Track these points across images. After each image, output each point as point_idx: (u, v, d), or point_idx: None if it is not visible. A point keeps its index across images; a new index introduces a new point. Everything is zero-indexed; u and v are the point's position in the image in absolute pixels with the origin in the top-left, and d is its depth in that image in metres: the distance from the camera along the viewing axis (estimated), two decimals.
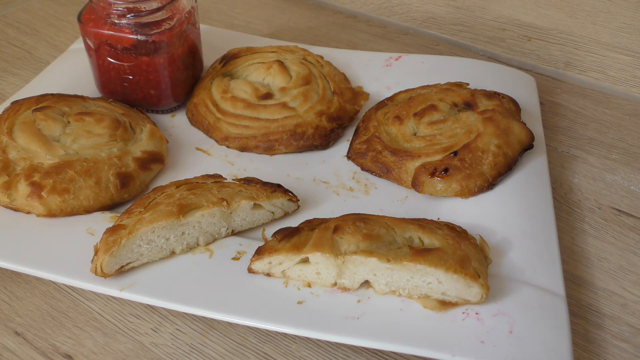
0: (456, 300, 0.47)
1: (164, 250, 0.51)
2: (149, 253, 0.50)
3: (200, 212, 0.52)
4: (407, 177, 0.60)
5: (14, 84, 0.80)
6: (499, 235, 0.53)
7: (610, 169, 0.68)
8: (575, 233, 0.60)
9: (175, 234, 0.51)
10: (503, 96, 0.66)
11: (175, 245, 0.51)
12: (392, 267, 0.46)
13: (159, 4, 0.63)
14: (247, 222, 0.54)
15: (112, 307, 0.52)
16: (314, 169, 0.64)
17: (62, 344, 0.49)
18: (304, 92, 0.67)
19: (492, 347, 0.44)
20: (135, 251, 0.50)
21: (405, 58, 0.78)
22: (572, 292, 0.54)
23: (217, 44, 0.79)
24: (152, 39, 0.63)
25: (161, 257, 0.51)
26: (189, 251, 0.52)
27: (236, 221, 0.54)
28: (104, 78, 0.68)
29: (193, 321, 0.51)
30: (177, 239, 0.51)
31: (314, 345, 0.49)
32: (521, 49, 0.87)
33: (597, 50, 0.82)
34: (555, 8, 0.83)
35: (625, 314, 0.52)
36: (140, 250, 0.50)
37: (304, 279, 0.49)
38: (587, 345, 0.50)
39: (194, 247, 0.52)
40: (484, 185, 0.58)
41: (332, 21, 0.98)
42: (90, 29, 0.64)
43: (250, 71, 0.71)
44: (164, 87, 0.67)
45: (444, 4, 0.91)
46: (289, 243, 0.50)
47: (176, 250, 0.52)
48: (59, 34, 0.92)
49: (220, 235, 0.54)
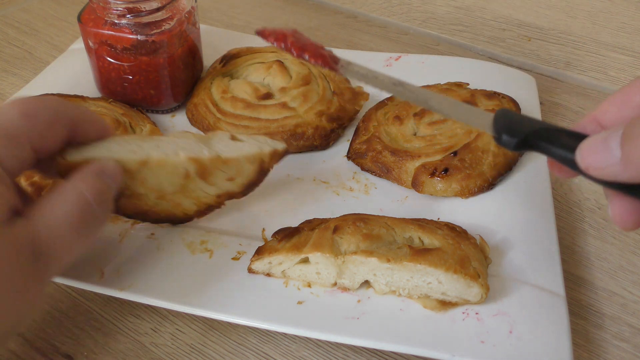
0: (456, 300, 0.47)
1: (135, 153, 0.46)
2: (118, 148, 0.46)
3: (172, 133, 0.50)
4: (407, 177, 0.60)
5: (14, 84, 0.80)
6: (499, 235, 0.53)
7: None
8: (575, 233, 0.60)
9: (149, 144, 0.47)
10: (503, 96, 0.66)
11: (150, 150, 0.46)
12: (392, 267, 0.46)
13: (159, 4, 0.63)
14: (231, 149, 0.49)
15: (112, 307, 0.52)
16: (314, 169, 0.64)
17: (62, 344, 0.49)
18: (304, 92, 0.67)
19: (492, 347, 0.44)
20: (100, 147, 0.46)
21: (405, 58, 0.78)
22: (572, 292, 0.54)
23: (217, 44, 0.79)
24: (152, 39, 0.63)
25: (134, 159, 0.45)
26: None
27: (217, 146, 0.49)
28: (104, 78, 0.68)
29: (193, 321, 0.51)
30: (150, 147, 0.46)
31: (314, 345, 0.49)
32: (521, 49, 0.87)
33: (597, 50, 0.82)
34: (555, 8, 0.83)
35: (625, 314, 0.52)
36: (110, 147, 0.46)
37: (304, 279, 0.49)
38: (587, 345, 0.50)
39: (174, 156, 0.46)
40: (484, 185, 0.58)
41: (332, 21, 0.98)
42: (90, 29, 0.64)
43: (250, 71, 0.71)
44: (164, 87, 0.67)
45: (444, 4, 0.91)
46: (289, 243, 0.50)
47: (153, 154, 0.46)
48: (59, 34, 0.92)
49: (204, 155, 0.47)
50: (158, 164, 0.46)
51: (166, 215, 0.52)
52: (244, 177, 0.51)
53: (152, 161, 0.46)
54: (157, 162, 0.46)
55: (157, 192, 0.48)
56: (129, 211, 0.49)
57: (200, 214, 0.53)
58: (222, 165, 0.49)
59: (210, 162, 0.48)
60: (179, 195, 0.50)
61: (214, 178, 0.49)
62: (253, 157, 0.50)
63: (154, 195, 0.48)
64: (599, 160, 0.34)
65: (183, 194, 0.49)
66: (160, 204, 0.50)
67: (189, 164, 0.47)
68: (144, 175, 0.46)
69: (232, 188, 0.51)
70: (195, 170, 0.48)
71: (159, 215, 0.51)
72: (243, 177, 0.51)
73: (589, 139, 0.35)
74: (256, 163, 0.50)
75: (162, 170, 0.46)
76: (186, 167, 0.47)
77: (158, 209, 0.50)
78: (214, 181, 0.49)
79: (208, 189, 0.50)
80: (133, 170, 0.45)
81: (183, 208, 0.52)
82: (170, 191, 0.48)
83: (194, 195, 0.50)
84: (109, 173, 0.44)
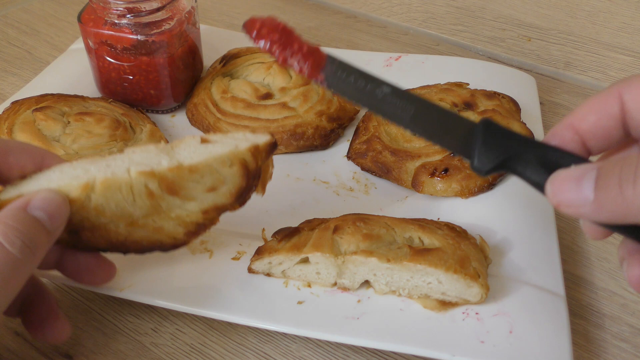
0: (456, 300, 0.47)
1: (79, 178, 0.41)
2: (60, 176, 0.42)
3: (130, 148, 0.44)
4: (407, 177, 0.60)
5: (14, 84, 0.80)
6: (499, 235, 0.53)
7: None
8: (575, 233, 0.60)
9: (98, 166, 0.42)
10: (503, 96, 0.66)
11: (97, 172, 0.41)
12: (392, 267, 0.46)
13: (159, 4, 0.63)
14: (199, 154, 0.43)
15: (112, 307, 0.52)
16: (314, 169, 0.64)
17: (62, 344, 0.49)
18: (304, 92, 0.67)
19: (492, 347, 0.44)
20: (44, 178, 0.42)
21: (405, 58, 0.78)
22: (572, 292, 0.54)
23: (217, 44, 0.79)
24: (152, 39, 0.63)
25: (75, 185, 0.40)
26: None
27: (182, 154, 0.43)
28: (104, 78, 0.68)
29: (193, 321, 0.51)
30: (99, 169, 0.42)
31: (314, 345, 0.49)
32: (521, 49, 0.87)
33: (597, 50, 0.82)
34: (555, 8, 0.83)
35: (625, 314, 0.52)
36: (51, 176, 0.42)
37: (304, 279, 0.49)
38: (587, 345, 0.50)
39: (124, 175, 0.41)
40: (484, 185, 0.58)
41: (332, 21, 0.98)
42: (90, 29, 0.64)
43: (250, 71, 0.71)
44: (164, 87, 0.67)
45: (444, 4, 0.91)
46: (289, 243, 0.50)
47: (97, 177, 0.41)
48: (59, 34, 0.92)
49: (162, 166, 0.42)
50: (106, 186, 0.40)
51: (149, 243, 0.44)
52: (229, 184, 0.43)
53: (97, 184, 0.40)
54: (104, 184, 0.40)
55: (124, 219, 0.42)
56: (100, 245, 0.44)
57: (192, 235, 0.45)
58: (189, 174, 0.42)
59: (172, 173, 0.41)
60: (154, 219, 0.43)
61: (188, 192, 0.42)
62: (228, 159, 0.43)
63: (122, 223, 0.42)
64: (571, 200, 0.34)
65: (158, 216, 0.43)
66: (136, 232, 0.43)
67: (147, 179, 0.41)
68: (97, 202, 0.41)
69: (220, 200, 0.44)
70: (158, 186, 0.41)
71: (141, 245, 0.44)
72: (228, 185, 0.43)
73: (561, 174, 0.35)
74: (236, 165, 0.43)
75: (116, 193, 0.41)
76: (144, 184, 0.41)
77: (136, 238, 0.44)
78: (190, 195, 0.43)
79: (188, 206, 0.43)
80: (80, 198, 0.40)
81: (167, 232, 0.44)
82: (140, 215, 0.42)
83: (173, 216, 0.43)
84: (39, 205, 0.38)
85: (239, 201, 0.45)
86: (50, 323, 0.45)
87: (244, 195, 0.45)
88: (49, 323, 0.44)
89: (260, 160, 0.44)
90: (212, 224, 0.45)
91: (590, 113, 0.37)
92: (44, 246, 0.39)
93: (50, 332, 0.45)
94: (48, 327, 0.44)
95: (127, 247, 0.44)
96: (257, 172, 0.45)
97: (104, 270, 0.46)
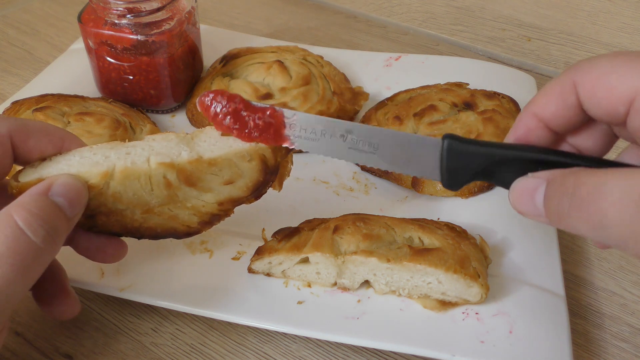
0: (456, 300, 0.47)
1: (99, 165, 0.41)
2: (80, 161, 0.41)
3: (150, 136, 0.44)
4: (407, 177, 0.60)
5: (14, 84, 0.80)
6: (499, 235, 0.53)
7: None
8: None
9: (118, 153, 0.42)
10: (503, 96, 0.66)
11: (117, 160, 0.41)
12: (392, 267, 0.46)
13: (159, 4, 0.63)
14: (219, 147, 0.43)
15: (112, 307, 0.52)
16: (314, 169, 0.64)
17: (62, 344, 0.49)
18: (304, 92, 0.67)
19: (492, 347, 0.44)
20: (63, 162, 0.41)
21: (405, 58, 0.78)
22: (572, 292, 0.54)
23: (217, 44, 0.79)
24: (152, 39, 0.63)
25: (95, 173, 0.40)
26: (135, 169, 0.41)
27: (202, 146, 0.43)
28: (104, 78, 0.68)
29: (193, 321, 0.51)
30: (118, 156, 0.42)
31: (314, 345, 0.49)
32: (521, 49, 0.87)
33: (597, 50, 0.82)
34: (555, 8, 0.83)
35: (625, 314, 0.52)
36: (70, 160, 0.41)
37: (304, 279, 0.49)
38: (587, 345, 0.50)
39: (144, 165, 0.41)
40: (484, 185, 0.58)
41: (332, 21, 0.98)
42: (90, 29, 0.64)
43: (250, 71, 0.71)
44: (164, 87, 0.67)
45: (444, 4, 0.91)
46: (289, 243, 0.50)
47: (117, 165, 0.41)
48: (59, 34, 0.92)
49: (182, 158, 0.42)
50: (125, 175, 0.40)
51: (164, 230, 0.45)
52: (246, 178, 0.44)
53: (117, 173, 0.40)
54: (124, 172, 0.40)
55: (141, 206, 0.42)
56: (114, 229, 0.44)
57: (206, 224, 0.46)
58: (208, 167, 0.42)
59: (191, 165, 0.42)
60: (169, 208, 0.43)
61: (205, 183, 0.43)
62: (248, 154, 0.43)
63: (138, 210, 0.43)
64: (528, 211, 0.37)
65: (174, 205, 0.43)
66: (151, 219, 0.44)
67: (166, 170, 0.41)
68: (115, 189, 0.41)
69: (236, 193, 0.44)
70: (177, 177, 0.42)
71: (155, 231, 0.45)
72: (245, 179, 0.44)
73: (518, 185, 0.37)
74: (256, 160, 0.43)
75: (134, 182, 0.41)
76: (163, 174, 0.41)
77: (151, 224, 0.44)
78: (207, 187, 0.43)
79: (204, 197, 0.44)
80: (98, 185, 0.40)
81: (182, 220, 0.45)
82: (156, 203, 0.43)
83: (189, 206, 0.44)
84: (60, 192, 0.38)
85: (254, 195, 0.45)
86: (60, 299, 0.45)
87: (260, 190, 0.45)
88: (58, 299, 0.44)
89: (280, 156, 0.45)
90: (226, 215, 0.46)
91: (549, 103, 0.38)
92: (64, 233, 0.38)
93: (60, 308, 0.45)
94: (58, 302, 0.44)
95: (142, 233, 0.45)
96: (275, 168, 0.45)
97: (116, 248, 0.45)
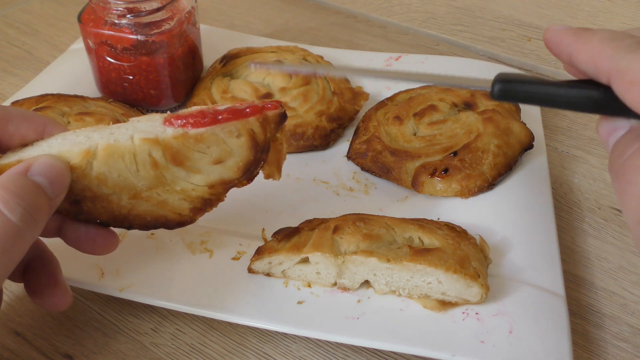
0: (456, 300, 0.47)
1: (81, 144, 0.39)
2: (61, 142, 0.40)
3: (135, 117, 0.43)
4: (407, 177, 0.60)
5: (14, 84, 0.80)
6: (499, 235, 0.53)
7: None
8: (575, 233, 0.60)
9: (101, 134, 0.41)
10: None
11: (99, 139, 0.40)
12: (392, 267, 0.46)
13: (159, 4, 0.63)
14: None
15: (112, 307, 0.52)
16: (314, 169, 0.64)
17: (62, 344, 0.49)
18: (303, 92, 0.67)
19: (492, 347, 0.44)
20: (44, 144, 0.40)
21: (405, 58, 0.78)
22: (572, 292, 0.54)
23: (217, 44, 0.79)
24: (152, 39, 0.63)
25: (76, 151, 0.39)
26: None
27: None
28: (104, 78, 0.68)
29: (193, 321, 0.51)
30: (102, 137, 0.40)
31: (314, 345, 0.49)
32: (521, 49, 0.87)
33: None
34: (555, 8, 0.83)
35: (625, 314, 0.52)
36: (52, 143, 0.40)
37: (304, 279, 0.49)
38: (587, 345, 0.50)
39: (127, 142, 0.40)
40: (484, 185, 0.58)
41: (332, 21, 0.98)
42: (90, 29, 0.64)
43: (250, 71, 0.71)
44: (164, 87, 0.67)
45: (444, 4, 0.91)
46: (289, 243, 0.50)
47: (99, 143, 0.39)
48: (59, 34, 0.92)
49: (167, 134, 0.40)
50: (108, 153, 0.39)
51: (154, 218, 0.43)
52: (236, 156, 0.42)
53: (99, 151, 0.39)
54: (106, 150, 0.39)
55: (127, 191, 0.41)
56: (102, 217, 0.42)
57: (197, 211, 0.44)
58: (195, 144, 0.40)
59: (177, 141, 0.40)
60: (158, 192, 0.42)
61: (193, 163, 0.41)
62: (235, 128, 0.41)
63: (125, 194, 0.41)
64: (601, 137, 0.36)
65: (162, 188, 0.42)
66: (140, 205, 0.42)
67: (151, 147, 0.39)
68: (99, 170, 0.39)
69: (227, 174, 0.42)
70: (162, 155, 0.40)
71: (145, 219, 0.43)
72: (235, 158, 0.42)
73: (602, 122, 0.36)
74: (244, 135, 0.41)
75: (119, 161, 0.39)
76: (148, 152, 0.40)
77: (140, 211, 0.42)
78: (196, 167, 0.41)
79: (193, 179, 0.42)
80: (81, 165, 0.39)
81: (172, 207, 0.43)
82: (143, 187, 0.41)
83: (178, 189, 0.42)
84: (40, 171, 0.37)
85: (246, 176, 0.43)
86: (51, 290, 0.43)
87: (252, 170, 0.43)
88: (49, 290, 0.43)
89: (269, 131, 0.43)
90: (218, 201, 0.44)
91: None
92: (45, 213, 0.37)
93: (51, 299, 0.43)
94: (48, 293, 0.43)
95: (131, 222, 0.43)
96: (266, 145, 0.43)
97: (106, 239, 0.44)
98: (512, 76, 0.37)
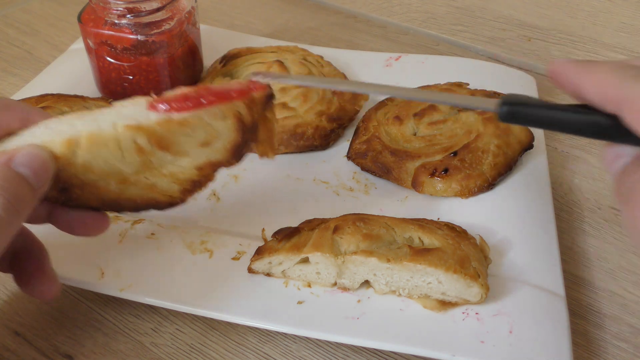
0: (456, 300, 0.47)
1: (64, 133, 0.39)
2: (44, 131, 0.40)
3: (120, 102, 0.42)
4: (407, 177, 0.60)
5: (14, 84, 0.80)
6: (499, 235, 0.53)
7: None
8: (575, 233, 0.60)
9: (85, 121, 0.40)
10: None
11: (82, 127, 0.39)
12: (392, 267, 0.46)
13: (159, 4, 0.63)
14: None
15: (112, 307, 0.52)
16: (314, 169, 0.64)
17: (62, 344, 0.49)
18: (303, 92, 0.67)
19: (492, 347, 0.44)
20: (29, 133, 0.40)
21: (405, 58, 0.78)
22: (572, 292, 0.54)
23: (217, 44, 0.79)
24: (152, 39, 0.63)
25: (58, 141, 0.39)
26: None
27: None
28: (104, 78, 0.68)
29: (193, 321, 0.51)
30: (85, 124, 0.40)
31: (314, 345, 0.49)
32: (521, 49, 0.87)
33: (597, 50, 0.82)
34: (555, 8, 0.83)
35: (625, 314, 0.52)
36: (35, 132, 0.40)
37: (304, 279, 0.49)
38: (587, 345, 0.50)
39: (110, 129, 0.39)
40: (484, 185, 0.58)
41: (332, 21, 0.98)
42: (90, 29, 0.64)
43: (250, 71, 0.71)
44: (164, 87, 0.67)
45: (444, 4, 0.92)
46: (289, 243, 0.50)
47: (82, 132, 0.39)
48: (59, 34, 0.92)
49: (150, 119, 0.40)
50: (92, 141, 0.38)
51: (144, 201, 0.43)
52: (223, 139, 0.42)
53: (82, 140, 0.38)
54: (89, 139, 0.38)
55: (115, 176, 0.41)
56: (92, 202, 0.42)
57: (187, 193, 0.44)
58: (179, 128, 0.40)
59: (161, 127, 0.39)
60: (146, 176, 0.41)
61: (180, 147, 0.41)
62: (220, 111, 0.41)
63: (113, 180, 0.41)
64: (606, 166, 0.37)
65: (150, 172, 0.41)
66: (128, 189, 0.42)
67: (135, 134, 0.39)
68: (84, 158, 0.39)
69: (215, 156, 0.42)
70: (147, 141, 0.39)
71: (135, 203, 0.43)
72: (223, 140, 0.42)
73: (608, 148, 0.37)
74: (230, 118, 0.41)
75: (103, 149, 0.39)
76: (132, 139, 0.39)
77: (129, 195, 0.42)
78: (183, 150, 0.41)
79: (181, 162, 0.42)
80: (65, 154, 0.38)
81: (161, 190, 0.43)
82: (131, 172, 0.41)
83: (166, 173, 0.42)
84: (23, 161, 0.37)
85: (235, 157, 0.43)
86: (38, 278, 0.43)
87: (240, 151, 0.43)
88: (36, 279, 0.43)
89: (257, 112, 0.42)
90: (208, 181, 0.43)
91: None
92: (28, 204, 0.37)
93: (39, 288, 0.43)
94: (36, 282, 0.43)
95: (121, 205, 0.43)
96: (254, 126, 0.42)
97: (97, 221, 0.43)
98: (518, 98, 0.38)
